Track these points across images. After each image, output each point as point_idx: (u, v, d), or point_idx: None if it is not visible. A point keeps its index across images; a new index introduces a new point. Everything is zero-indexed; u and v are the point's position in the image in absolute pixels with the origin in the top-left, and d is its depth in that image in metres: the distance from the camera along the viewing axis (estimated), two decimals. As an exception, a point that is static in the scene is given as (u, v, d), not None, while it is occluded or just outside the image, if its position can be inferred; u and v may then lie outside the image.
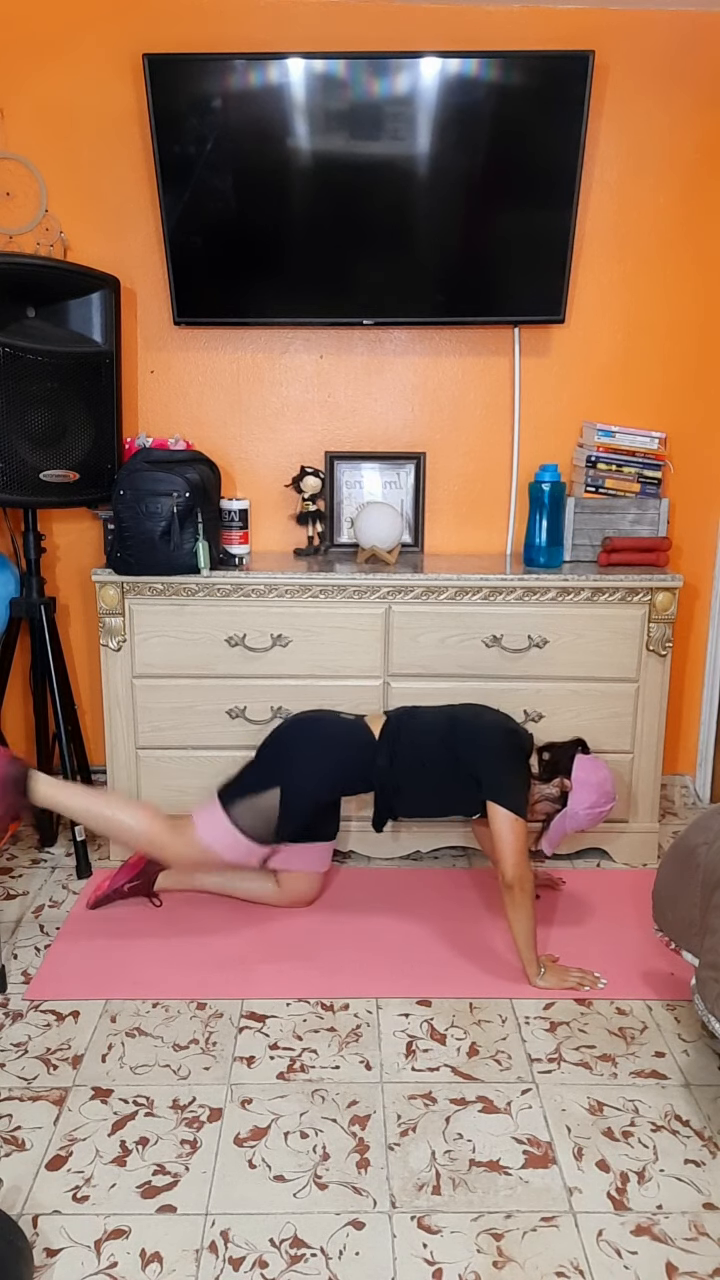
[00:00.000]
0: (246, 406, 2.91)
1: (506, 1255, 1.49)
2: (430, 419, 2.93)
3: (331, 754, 2.28)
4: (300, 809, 2.24)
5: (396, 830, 2.70)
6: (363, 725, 2.33)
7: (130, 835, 2.22)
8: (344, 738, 2.30)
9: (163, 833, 2.22)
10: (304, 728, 2.33)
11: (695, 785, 3.18)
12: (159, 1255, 1.48)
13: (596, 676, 2.63)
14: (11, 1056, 1.92)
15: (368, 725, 2.32)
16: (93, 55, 2.66)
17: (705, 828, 1.91)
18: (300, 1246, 1.50)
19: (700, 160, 2.77)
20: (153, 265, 2.80)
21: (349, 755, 2.28)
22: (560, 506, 2.71)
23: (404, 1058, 1.93)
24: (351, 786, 2.32)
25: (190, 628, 2.59)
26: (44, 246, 2.76)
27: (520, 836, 2.13)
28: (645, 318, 2.87)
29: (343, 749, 2.29)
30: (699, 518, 3.01)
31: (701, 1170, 1.67)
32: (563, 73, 2.51)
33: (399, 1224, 1.54)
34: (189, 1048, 1.95)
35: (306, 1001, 2.11)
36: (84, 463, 2.53)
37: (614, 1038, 2.00)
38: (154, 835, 2.21)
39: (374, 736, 2.29)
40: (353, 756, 2.28)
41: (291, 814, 2.22)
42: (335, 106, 2.53)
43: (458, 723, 2.29)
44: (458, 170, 2.60)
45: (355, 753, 2.28)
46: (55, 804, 2.22)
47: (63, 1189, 1.61)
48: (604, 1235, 1.53)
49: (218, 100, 2.52)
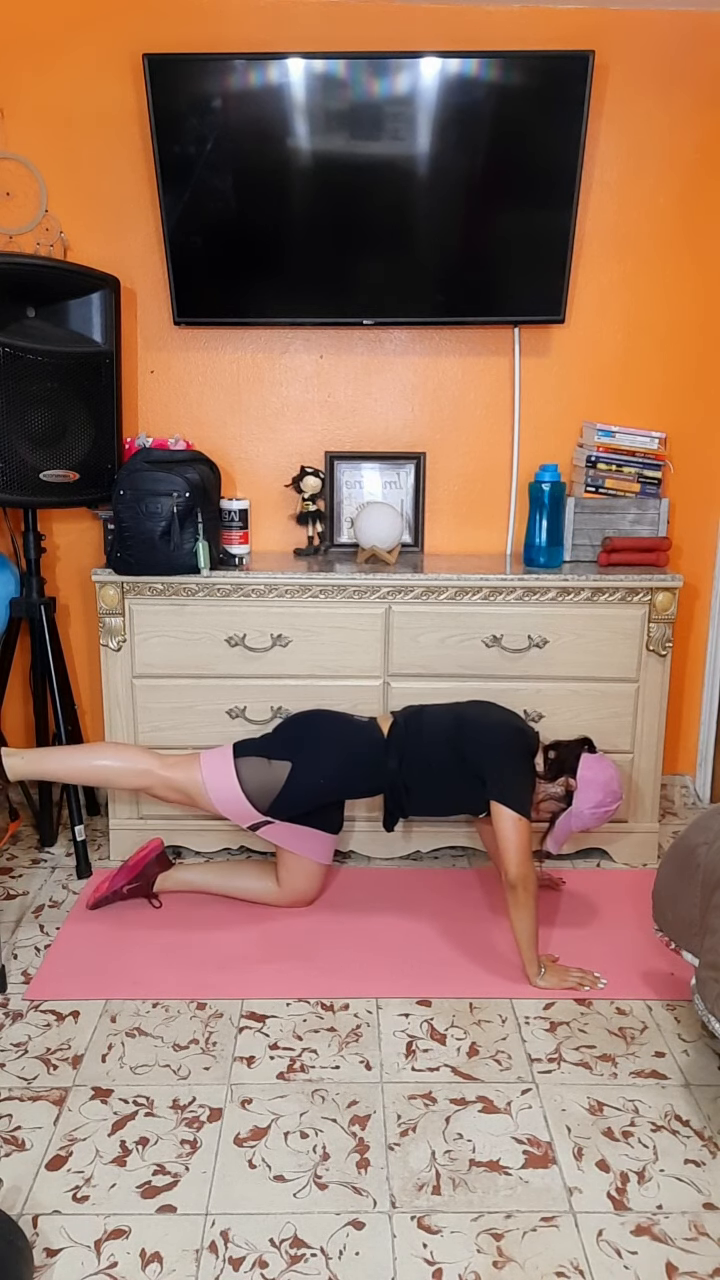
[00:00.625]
0: (246, 406, 2.91)
1: (506, 1255, 1.49)
2: (430, 419, 2.93)
3: (345, 754, 2.29)
4: (302, 795, 2.25)
5: (398, 829, 2.70)
6: (374, 727, 2.34)
7: (121, 775, 2.27)
8: (358, 740, 2.32)
9: (157, 763, 2.26)
10: (325, 722, 2.36)
11: (695, 785, 3.18)
12: (159, 1255, 1.48)
13: (596, 676, 2.63)
14: (11, 1056, 1.92)
15: (379, 726, 2.33)
16: (93, 55, 2.66)
17: (705, 828, 1.91)
18: (300, 1246, 1.50)
19: (700, 160, 2.77)
20: (153, 265, 2.80)
21: (361, 756, 2.29)
22: (560, 506, 2.71)
23: (404, 1058, 1.93)
24: (356, 789, 2.33)
25: (190, 628, 2.59)
26: (44, 246, 2.77)
27: (524, 836, 2.13)
28: (645, 318, 2.87)
29: (355, 750, 2.30)
30: (699, 518, 3.01)
31: (701, 1170, 1.67)
32: (563, 73, 2.51)
33: (399, 1224, 1.54)
34: (189, 1048, 1.95)
35: (306, 1001, 2.11)
36: (84, 463, 2.53)
37: (614, 1038, 2.00)
38: (147, 764, 2.26)
39: (383, 737, 2.30)
40: (363, 757, 2.29)
41: (293, 795, 2.24)
42: (335, 106, 2.53)
43: (464, 722, 2.29)
44: (458, 170, 2.60)
45: (367, 753, 2.29)
46: (35, 773, 2.27)
47: (63, 1189, 1.61)
48: (604, 1235, 1.53)
49: (218, 100, 2.52)
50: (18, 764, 2.25)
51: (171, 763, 2.29)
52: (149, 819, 2.68)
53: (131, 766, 2.28)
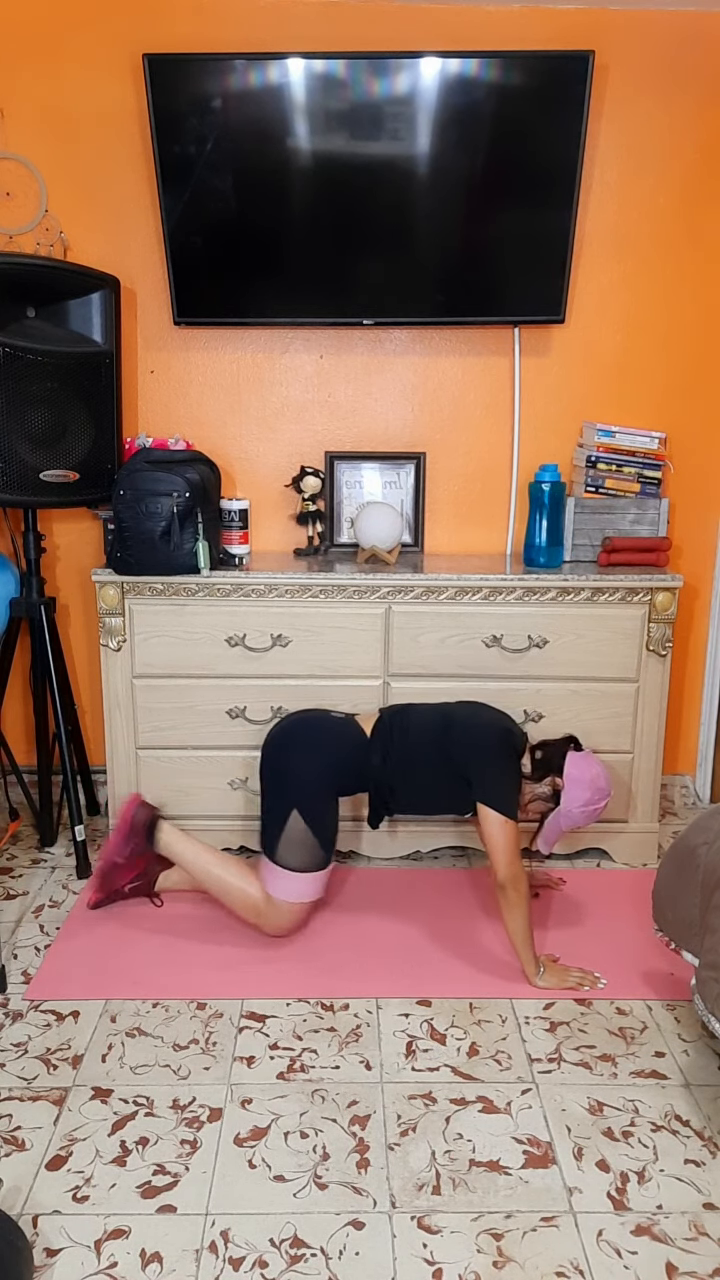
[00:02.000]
0: (246, 406, 2.91)
1: (506, 1255, 1.49)
2: (430, 419, 2.93)
3: (324, 755, 2.27)
4: (323, 816, 2.23)
5: (395, 830, 2.70)
6: (353, 724, 2.32)
7: (236, 899, 2.29)
8: (334, 738, 2.30)
9: (262, 902, 2.26)
10: (291, 736, 2.31)
11: (695, 785, 3.18)
12: (159, 1255, 1.48)
13: (596, 676, 2.63)
14: (11, 1056, 1.92)
15: (359, 724, 2.32)
16: (93, 55, 2.66)
17: (705, 828, 1.91)
18: (300, 1246, 1.50)
19: (700, 160, 2.77)
20: (153, 265, 2.80)
21: (342, 755, 2.28)
22: (560, 506, 2.71)
23: (404, 1058, 1.93)
24: (348, 787, 2.32)
25: (190, 628, 2.59)
26: (44, 246, 2.76)
27: (510, 838, 2.12)
28: (645, 318, 2.87)
29: (334, 749, 2.28)
30: (699, 518, 3.01)
31: (701, 1170, 1.67)
32: (563, 73, 2.51)
33: (399, 1224, 1.54)
34: (189, 1048, 1.95)
35: (306, 1001, 2.11)
36: (84, 463, 2.53)
37: (614, 1038, 2.00)
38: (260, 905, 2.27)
39: (365, 735, 2.29)
40: (345, 756, 2.27)
41: (320, 827, 2.22)
42: (335, 106, 2.53)
43: (452, 722, 2.28)
44: (458, 170, 2.60)
45: (348, 752, 2.28)
46: (173, 854, 2.35)
47: (63, 1189, 1.61)
48: (604, 1235, 1.53)
49: (218, 100, 2.52)
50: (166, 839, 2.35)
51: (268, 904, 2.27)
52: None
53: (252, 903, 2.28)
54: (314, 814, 2.21)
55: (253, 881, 2.30)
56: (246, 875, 2.32)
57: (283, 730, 2.33)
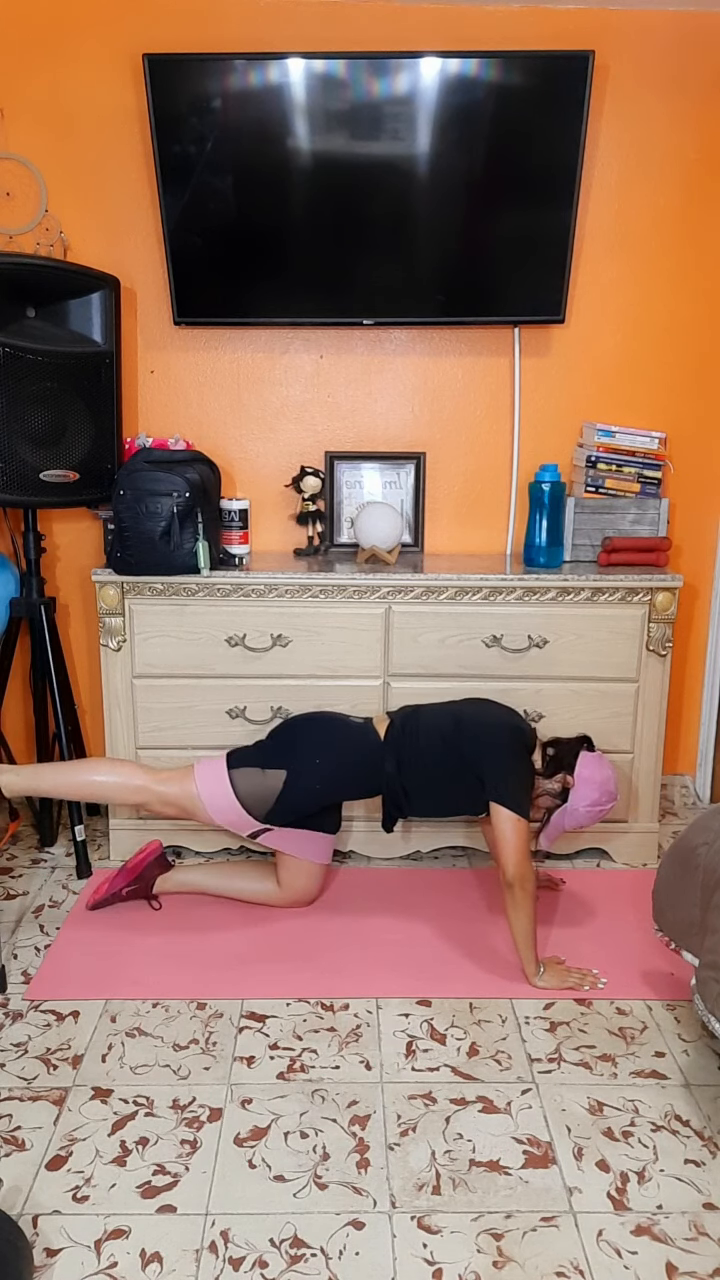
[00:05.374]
0: (246, 406, 2.91)
1: (506, 1255, 1.49)
2: (430, 419, 2.93)
3: (340, 758, 2.29)
4: (298, 802, 2.25)
5: (397, 829, 2.70)
6: (370, 729, 2.33)
7: (116, 790, 2.28)
8: (354, 743, 2.31)
9: (151, 779, 2.26)
10: (319, 726, 2.35)
11: (695, 785, 3.18)
12: (159, 1255, 1.48)
13: (596, 676, 2.63)
14: (11, 1056, 1.92)
15: (375, 728, 2.33)
16: (93, 55, 2.66)
17: (705, 828, 1.91)
18: (300, 1246, 1.50)
19: (701, 160, 2.77)
20: (153, 265, 2.80)
21: (357, 759, 2.29)
22: (560, 506, 2.71)
23: (404, 1058, 1.93)
24: (354, 792, 2.33)
25: (190, 628, 2.59)
26: (44, 246, 2.76)
27: (522, 836, 2.13)
28: (645, 318, 2.87)
29: (351, 753, 2.29)
30: (699, 518, 3.01)
31: (701, 1170, 1.67)
32: (563, 73, 2.51)
33: (399, 1224, 1.54)
34: (189, 1048, 1.95)
35: (306, 1001, 2.11)
36: (84, 463, 2.53)
37: (614, 1038, 2.00)
38: (142, 781, 2.26)
39: (380, 740, 2.30)
40: (360, 760, 2.28)
41: (289, 802, 2.24)
42: (335, 106, 2.53)
43: (462, 721, 2.29)
44: (458, 170, 2.59)
45: (363, 756, 2.28)
46: (30, 789, 2.29)
47: (63, 1189, 1.61)
48: (604, 1235, 1.53)
49: (218, 100, 2.52)
50: (13, 780, 2.26)
51: (165, 777, 2.28)
52: (149, 819, 2.68)
53: (126, 783, 2.28)
54: (294, 793, 2.24)
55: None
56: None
57: (310, 718, 2.39)
